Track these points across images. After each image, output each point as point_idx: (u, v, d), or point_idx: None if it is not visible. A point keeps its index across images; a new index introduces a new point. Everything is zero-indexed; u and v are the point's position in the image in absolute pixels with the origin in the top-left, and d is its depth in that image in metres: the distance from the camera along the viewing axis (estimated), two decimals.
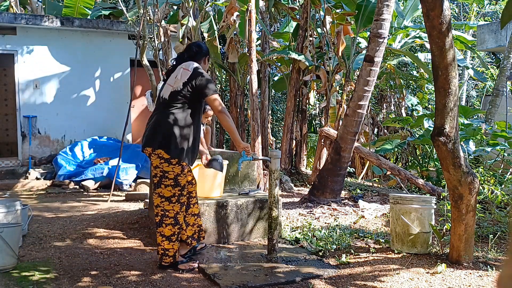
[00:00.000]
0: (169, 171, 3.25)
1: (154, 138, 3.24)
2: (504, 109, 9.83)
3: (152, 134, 3.26)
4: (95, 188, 7.61)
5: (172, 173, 3.26)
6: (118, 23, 9.01)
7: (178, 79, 3.29)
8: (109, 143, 8.58)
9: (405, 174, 6.76)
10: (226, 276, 3.22)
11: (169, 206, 3.30)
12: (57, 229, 4.68)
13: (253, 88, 6.18)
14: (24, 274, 3.29)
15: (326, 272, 3.33)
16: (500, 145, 6.99)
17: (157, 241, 3.35)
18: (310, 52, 8.14)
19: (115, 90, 9.11)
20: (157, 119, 3.30)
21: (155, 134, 3.25)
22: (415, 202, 3.75)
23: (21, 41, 8.41)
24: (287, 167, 8.44)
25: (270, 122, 10.38)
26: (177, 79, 3.30)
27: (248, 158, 3.68)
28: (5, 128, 9.68)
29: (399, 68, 12.15)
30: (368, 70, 5.53)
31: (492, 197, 5.22)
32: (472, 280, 3.14)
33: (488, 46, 10.41)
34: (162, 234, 3.32)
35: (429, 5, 3.03)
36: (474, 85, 17.43)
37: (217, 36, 7.82)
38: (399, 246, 3.75)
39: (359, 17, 7.63)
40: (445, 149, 3.30)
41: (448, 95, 3.21)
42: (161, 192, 3.29)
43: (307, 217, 5.07)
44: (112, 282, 3.14)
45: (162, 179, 3.28)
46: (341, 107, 7.77)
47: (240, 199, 4.23)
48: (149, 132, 3.31)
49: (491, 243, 3.85)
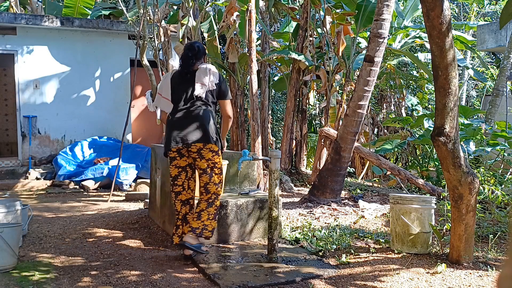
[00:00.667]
0: (218, 162, 3.66)
1: (204, 134, 3.57)
2: (504, 109, 9.83)
3: (202, 131, 3.57)
4: (95, 188, 7.61)
5: (219, 163, 3.69)
6: (118, 23, 9.02)
7: (211, 80, 3.62)
8: (109, 143, 8.58)
9: (405, 174, 6.76)
10: (226, 276, 3.22)
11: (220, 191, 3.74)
12: (57, 229, 4.68)
13: (253, 88, 6.18)
14: (24, 274, 3.29)
15: (326, 272, 3.33)
16: (500, 145, 6.99)
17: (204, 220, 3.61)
18: (310, 52, 8.14)
19: (115, 90, 9.11)
20: (200, 116, 3.58)
21: (205, 131, 3.57)
22: (415, 202, 3.75)
23: (21, 41, 8.41)
24: (287, 167, 8.44)
25: (270, 122, 10.38)
26: (210, 80, 3.62)
27: (248, 158, 3.69)
28: (5, 128, 9.68)
29: (399, 68, 12.15)
30: (368, 70, 5.53)
31: (492, 197, 5.22)
32: (472, 280, 3.14)
33: (488, 46, 10.41)
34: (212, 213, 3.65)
35: (429, 5, 3.03)
36: (474, 85, 17.43)
37: (217, 36, 7.82)
38: (399, 246, 3.75)
39: (359, 17, 7.63)
40: (445, 149, 3.30)
41: (448, 95, 3.21)
42: (215, 181, 3.66)
43: (307, 217, 5.07)
44: (112, 282, 3.14)
45: (214, 169, 3.64)
46: (341, 107, 7.77)
47: (240, 199, 4.23)
48: (196, 128, 3.57)
49: (491, 243, 3.85)
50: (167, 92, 3.72)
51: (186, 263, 3.59)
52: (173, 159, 3.68)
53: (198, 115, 3.59)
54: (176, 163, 3.69)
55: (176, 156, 3.67)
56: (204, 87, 3.60)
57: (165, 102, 3.71)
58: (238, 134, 9.22)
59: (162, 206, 4.64)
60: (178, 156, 3.67)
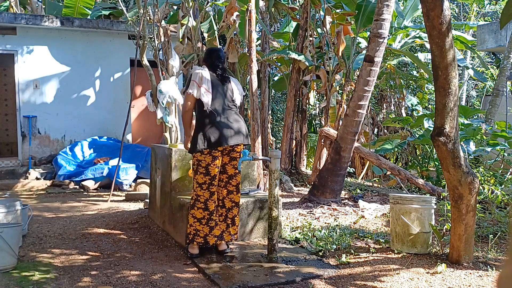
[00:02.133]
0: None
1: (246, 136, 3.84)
2: (504, 109, 9.83)
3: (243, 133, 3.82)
4: (95, 188, 7.61)
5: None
6: (118, 23, 9.01)
7: (241, 90, 3.96)
8: (109, 143, 8.58)
9: (405, 174, 6.76)
10: (226, 276, 3.22)
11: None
12: (57, 229, 4.68)
13: (253, 88, 6.18)
14: (24, 274, 3.29)
15: (326, 272, 3.33)
16: (500, 145, 6.99)
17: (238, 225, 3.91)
18: (310, 52, 8.14)
19: (115, 90, 9.11)
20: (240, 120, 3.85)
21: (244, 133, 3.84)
22: (415, 202, 3.75)
23: (21, 41, 8.41)
24: (287, 167, 8.44)
25: (270, 122, 10.37)
26: (240, 90, 3.94)
27: (248, 158, 3.69)
28: (5, 128, 9.68)
29: (399, 68, 12.15)
30: (368, 70, 5.53)
31: (492, 197, 5.22)
32: (472, 280, 3.14)
33: (488, 46, 10.41)
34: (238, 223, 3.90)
35: (429, 5, 3.03)
36: (474, 85, 17.43)
37: (217, 36, 7.82)
38: (399, 246, 3.75)
39: (359, 17, 7.63)
40: (445, 149, 3.30)
41: (448, 95, 3.21)
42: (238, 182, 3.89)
43: (307, 217, 5.07)
44: (112, 282, 3.14)
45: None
46: (341, 107, 7.77)
47: (240, 199, 4.23)
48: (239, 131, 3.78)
49: (491, 243, 3.85)
50: (209, 87, 3.73)
51: (186, 263, 3.59)
52: (216, 158, 3.69)
53: (240, 118, 3.86)
54: (217, 162, 3.71)
55: (219, 156, 3.71)
56: (240, 96, 3.92)
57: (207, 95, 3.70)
58: None
59: (162, 206, 4.63)
60: (220, 155, 3.72)
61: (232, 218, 3.84)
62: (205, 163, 3.66)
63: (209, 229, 3.69)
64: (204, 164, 3.66)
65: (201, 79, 3.72)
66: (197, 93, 3.68)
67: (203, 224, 3.67)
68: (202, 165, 3.66)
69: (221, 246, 3.77)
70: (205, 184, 3.68)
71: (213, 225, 3.71)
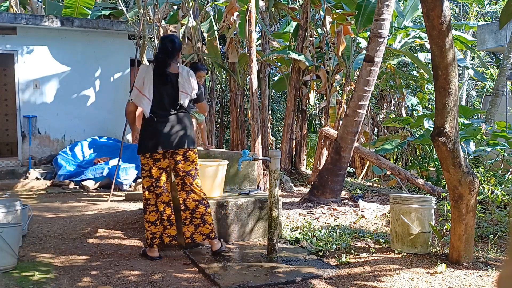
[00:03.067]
0: (197, 163, 3.84)
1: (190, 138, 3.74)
2: (504, 109, 9.83)
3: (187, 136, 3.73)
4: (95, 188, 7.61)
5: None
6: (118, 23, 9.01)
7: (194, 88, 3.74)
8: (109, 143, 8.58)
9: (405, 174, 6.76)
10: (226, 276, 3.22)
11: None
12: (57, 229, 4.68)
13: (253, 88, 6.18)
14: (24, 274, 3.29)
15: (326, 272, 3.33)
16: (500, 145, 6.98)
17: (211, 222, 3.76)
18: (310, 52, 8.14)
19: (115, 90, 9.11)
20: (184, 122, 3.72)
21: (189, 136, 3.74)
22: (415, 202, 3.75)
23: (21, 41, 8.41)
24: (287, 167, 8.44)
25: (270, 122, 10.38)
26: (192, 88, 3.73)
27: (248, 158, 3.69)
28: (5, 128, 9.67)
29: (399, 68, 12.15)
30: (368, 70, 5.53)
31: (492, 197, 5.22)
32: (472, 280, 3.14)
33: (488, 46, 10.41)
34: (210, 221, 3.76)
35: (429, 5, 3.03)
36: (474, 85, 17.43)
37: (217, 36, 7.82)
38: (399, 246, 3.75)
39: (359, 17, 7.63)
40: (445, 149, 3.30)
41: (448, 95, 3.21)
42: (197, 183, 3.79)
43: (307, 217, 5.07)
44: (112, 282, 3.14)
45: (196, 171, 3.81)
46: (341, 107, 7.77)
47: (240, 199, 4.23)
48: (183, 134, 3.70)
49: (491, 243, 3.85)
50: (149, 90, 3.63)
51: (186, 263, 3.59)
52: (157, 161, 3.71)
53: (182, 121, 3.72)
54: (160, 164, 3.72)
55: (161, 158, 3.72)
56: (188, 96, 3.72)
57: (145, 101, 3.62)
58: (238, 134, 9.23)
59: None
60: (162, 158, 3.72)
61: (200, 217, 3.71)
62: (148, 167, 3.72)
63: (163, 228, 3.77)
64: (147, 167, 3.73)
65: (143, 83, 3.65)
66: (137, 101, 3.69)
67: (158, 225, 3.75)
68: (145, 169, 3.74)
69: (213, 246, 3.74)
70: (151, 186, 3.74)
71: (166, 225, 3.76)
